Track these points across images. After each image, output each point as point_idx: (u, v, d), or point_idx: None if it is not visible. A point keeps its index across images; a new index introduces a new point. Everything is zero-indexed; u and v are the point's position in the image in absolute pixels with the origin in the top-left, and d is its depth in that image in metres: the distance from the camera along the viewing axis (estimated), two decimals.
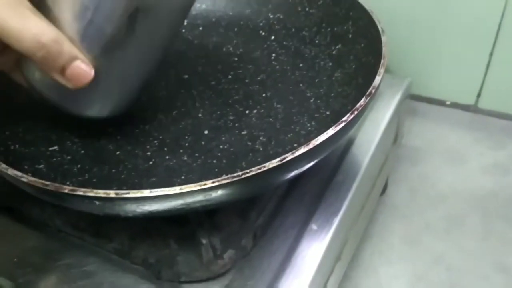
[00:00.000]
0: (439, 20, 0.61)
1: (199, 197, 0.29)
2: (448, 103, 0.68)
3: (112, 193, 0.28)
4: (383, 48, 0.37)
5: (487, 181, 0.58)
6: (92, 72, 0.31)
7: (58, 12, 0.31)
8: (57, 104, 0.36)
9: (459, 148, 0.63)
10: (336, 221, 0.37)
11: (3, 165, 0.31)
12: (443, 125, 0.66)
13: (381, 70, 0.35)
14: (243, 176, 0.28)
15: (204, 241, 0.34)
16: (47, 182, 0.29)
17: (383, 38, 0.38)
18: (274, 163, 0.29)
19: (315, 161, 0.32)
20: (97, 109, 0.37)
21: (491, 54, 0.61)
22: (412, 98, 0.64)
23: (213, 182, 0.28)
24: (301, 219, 0.38)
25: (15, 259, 0.37)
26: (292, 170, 0.31)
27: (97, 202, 0.28)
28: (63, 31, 0.30)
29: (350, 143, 0.44)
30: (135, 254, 0.35)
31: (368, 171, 0.43)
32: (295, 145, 0.37)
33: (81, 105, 0.36)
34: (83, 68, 0.31)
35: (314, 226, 0.37)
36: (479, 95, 0.66)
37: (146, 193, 0.28)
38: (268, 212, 0.38)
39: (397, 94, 0.49)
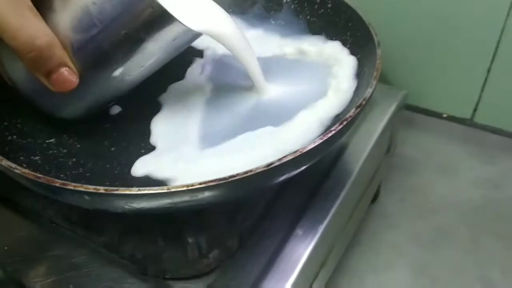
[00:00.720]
0: (439, 33, 0.61)
1: (186, 198, 0.29)
2: (444, 115, 0.68)
3: (101, 189, 0.29)
4: (377, 61, 0.38)
5: (477, 195, 0.59)
6: (76, 81, 0.32)
7: (63, 17, 0.32)
8: (29, 99, 0.37)
9: (452, 161, 0.63)
10: (321, 228, 0.38)
11: None
12: (439, 137, 0.66)
13: (374, 82, 0.36)
14: (230, 180, 0.29)
15: (190, 240, 0.34)
16: (39, 175, 0.30)
17: (378, 51, 0.39)
18: (260, 168, 0.29)
19: (302, 168, 0.33)
20: (67, 112, 0.39)
21: (489, 70, 0.62)
22: (409, 109, 0.65)
23: (200, 184, 0.29)
24: (287, 224, 0.38)
25: (5, 247, 0.38)
26: (279, 176, 0.32)
27: (86, 197, 0.29)
28: (60, 35, 0.31)
29: (342, 150, 0.45)
30: (123, 248, 0.36)
31: (358, 179, 0.44)
32: None
33: (54, 106, 0.38)
34: (68, 76, 0.31)
35: (299, 232, 0.38)
36: (475, 109, 0.66)
37: (134, 190, 0.29)
38: (256, 215, 0.39)
39: (392, 105, 0.50)
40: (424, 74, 0.65)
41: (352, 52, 0.44)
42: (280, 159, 0.30)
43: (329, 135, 0.32)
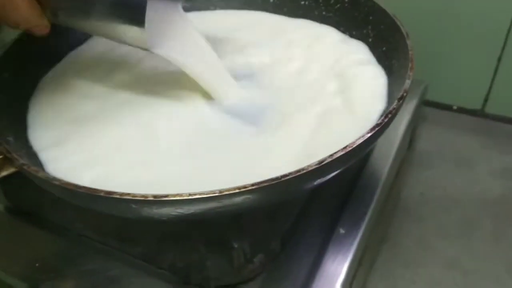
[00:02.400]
0: (447, 25, 0.61)
1: (238, 200, 0.28)
2: (455, 107, 0.68)
3: (150, 196, 0.27)
4: (410, 52, 0.37)
5: (496, 185, 0.59)
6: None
7: None
8: None
9: (467, 153, 0.63)
10: (363, 225, 0.37)
11: (33, 168, 0.30)
12: (451, 130, 0.66)
13: (410, 73, 0.35)
14: (283, 179, 0.28)
15: (236, 245, 0.33)
16: (81, 185, 0.28)
17: (409, 42, 0.38)
18: (313, 166, 0.28)
19: (350, 163, 0.32)
20: None
21: (499, 59, 0.62)
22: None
23: (252, 185, 0.28)
24: (327, 223, 0.38)
25: (37, 264, 0.36)
26: (330, 173, 0.31)
27: (133, 206, 0.28)
28: None
29: (372, 147, 0.44)
30: (162, 258, 0.35)
31: (389, 174, 0.43)
32: None
33: None
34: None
35: (341, 230, 0.37)
36: (486, 99, 0.66)
37: (185, 196, 0.27)
38: (294, 216, 0.38)
39: (414, 99, 0.49)
40: (433, 67, 0.65)
41: (377, 45, 0.43)
42: (331, 155, 0.29)
43: (376, 129, 0.31)
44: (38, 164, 0.36)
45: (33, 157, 0.36)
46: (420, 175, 0.60)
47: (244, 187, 0.28)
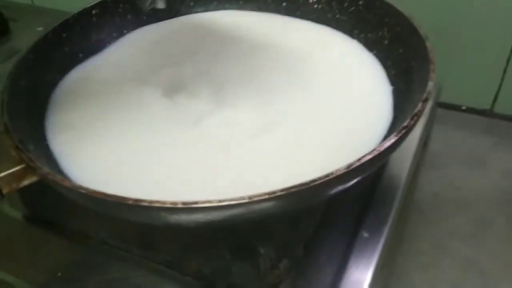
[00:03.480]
0: (456, 27, 0.61)
1: (267, 205, 0.28)
2: (463, 108, 0.68)
3: (179, 204, 0.27)
4: (430, 54, 0.37)
5: (509, 184, 0.59)
6: None
7: None
8: None
9: (478, 153, 0.63)
10: (387, 227, 0.37)
11: (58, 177, 0.30)
12: (460, 130, 0.66)
13: (432, 75, 0.35)
14: (311, 184, 0.28)
15: (262, 251, 0.33)
16: (109, 194, 0.28)
17: (428, 44, 0.38)
18: (341, 170, 0.28)
19: (376, 167, 0.32)
20: None
21: (508, 60, 0.62)
22: None
23: (281, 191, 0.27)
24: (349, 228, 0.37)
25: (59, 273, 0.36)
26: (357, 176, 0.31)
27: (162, 213, 0.28)
28: None
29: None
30: (187, 265, 0.34)
31: (408, 177, 0.43)
32: None
33: None
34: None
35: (365, 234, 0.37)
36: (495, 100, 0.66)
37: (214, 202, 0.27)
38: (316, 221, 0.37)
39: (429, 100, 0.49)
40: (441, 67, 0.65)
41: (393, 47, 0.43)
42: (359, 159, 0.29)
43: (403, 131, 0.31)
44: (59, 171, 0.35)
45: (54, 164, 0.36)
46: (433, 176, 0.60)
47: (273, 192, 0.27)
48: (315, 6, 0.50)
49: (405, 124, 0.31)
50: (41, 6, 0.84)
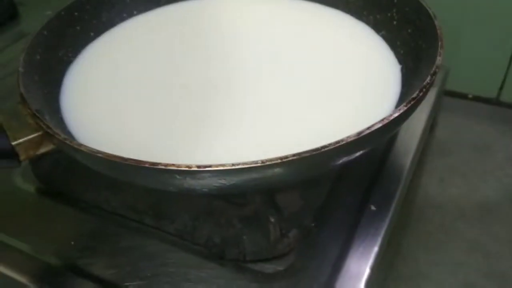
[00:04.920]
0: (462, 14, 0.62)
1: (279, 171, 0.29)
2: (470, 96, 0.69)
3: (193, 166, 0.28)
4: (438, 31, 0.38)
5: None
6: None
7: None
8: None
9: (485, 140, 0.63)
10: (394, 202, 0.38)
11: (75, 142, 0.31)
12: (466, 118, 0.67)
13: (441, 51, 0.36)
14: (323, 150, 0.28)
15: (272, 219, 0.34)
16: (127, 157, 0.29)
17: (437, 22, 0.39)
18: (352, 137, 0.29)
19: (386, 137, 0.32)
20: None
21: None
22: None
23: (293, 156, 0.28)
24: (357, 200, 0.38)
25: (72, 242, 0.37)
26: (367, 145, 0.31)
27: (177, 176, 0.28)
28: None
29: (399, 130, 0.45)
30: (198, 234, 0.35)
31: (415, 156, 0.43)
32: None
33: None
34: None
35: (373, 207, 0.37)
36: (501, 88, 0.67)
37: (227, 166, 0.28)
38: (325, 193, 0.38)
39: (436, 84, 0.50)
40: (447, 56, 0.65)
41: (402, 27, 0.44)
42: (369, 127, 0.29)
43: (412, 102, 0.31)
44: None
45: (68, 134, 0.37)
46: (439, 162, 0.61)
47: (286, 157, 0.28)
48: None
49: (414, 95, 0.32)
50: None
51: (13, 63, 0.58)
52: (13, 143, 0.32)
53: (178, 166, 0.28)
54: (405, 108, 0.31)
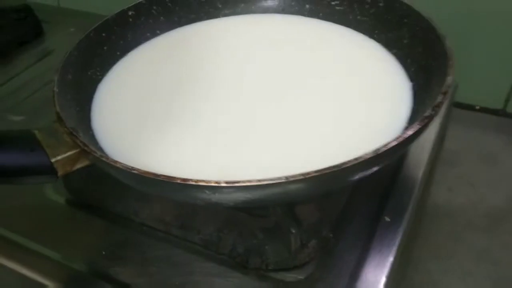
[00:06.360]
0: (469, 27, 0.63)
1: (302, 186, 0.31)
2: (477, 107, 0.70)
3: (222, 182, 0.30)
4: (448, 51, 0.40)
5: None
6: None
7: None
8: None
9: (492, 151, 0.65)
10: (407, 213, 0.40)
11: (111, 159, 0.33)
12: (474, 129, 0.68)
13: (451, 70, 0.38)
14: (343, 167, 0.30)
15: (293, 231, 0.36)
16: (159, 173, 0.31)
17: (447, 42, 0.41)
18: (369, 154, 0.31)
19: (400, 154, 0.34)
20: None
21: None
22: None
23: (316, 172, 0.30)
24: (372, 212, 0.40)
25: (103, 252, 0.39)
26: (383, 161, 0.33)
27: (207, 191, 0.30)
28: None
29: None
30: (223, 244, 0.37)
31: (427, 168, 0.45)
32: None
33: None
34: None
35: (387, 218, 0.39)
36: (507, 99, 0.68)
37: (254, 182, 0.30)
38: (341, 205, 0.40)
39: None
40: (455, 69, 0.67)
41: (412, 46, 0.46)
42: (385, 145, 0.31)
43: (426, 121, 0.33)
44: None
45: (100, 150, 0.39)
46: (448, 172, 0.63)
47: (308, 173, 0.30)
48: (337, 8, 0.53)
49: (426, 114, 0.34)
50: (67, 8, 0.87)
51: (37, 80, 0.61)
52: (52, 160, 0.34)
53: (208, 182, 0.30)
54: (419, 126, 0.33)
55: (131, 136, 0.41)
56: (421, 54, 0.45)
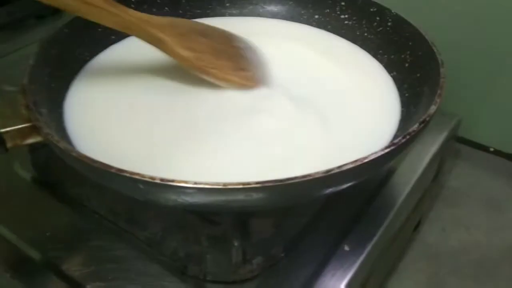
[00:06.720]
0: (494, 66, 0.60)
1: (240, 196, 0.29)
2: (491, 149, 0.66)
3: (157, 179, 0.28)
4: (441, 80, 0.37)
5: None
6: None
7: None
8: None
9: (497, 197, 0.61)
10: (369, 246, 0.37)
11: (55, 137, 0.32)
12: (484, 171, 0.64)
13: (437, 100, 0.35)
14: (287, 182, 0.28)
15: (235, 243, 0.34)
16: (96, 160, 0.29)
17: (442, 70, 0.38)
18: (320, 173, 0.29)
19: (359, 180, 0.32)
20: None
21: None
22: (456, 139, 0.63)
23: (256, 183, 0.28)
24: (333, 238, 0.37)
25: (48, 233, 0.38)
26: (336, 184, 0.31)
27: (141, 186, 0.29)
28: None
29: (391, 172, 0.44)
30: (165, 245, 0.36)
31: (406, 203, 0.42)
32: None
33: None
34: None
35: (346, 247, 0.36)
36: None
37: (190, 183, 0.28)
38: (302, 225, 0.38)
39: (443, 132, 0.49)
40: (473, 106, 0.64)
41: (412, 70, 0.43)
42: (339, 167, 0.29)
43: (391, 148, 0.31)
44: (66, 138, 0.37)
45: (63, 131, 0.38)
46: (444, 211, 0.59)
47: (248, 183, 0.28)
48: (346, 22, 0.51)
49: (395, 141, 0.31)
50: None
51: None
52: (1, 130, 0.33)
53: (142, 176, 0.28)
54: (382, 152, 0.30)
55: (99, 124, 0.39)
56: (418, 80, 0.42)
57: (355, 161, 0.30)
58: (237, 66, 0.43)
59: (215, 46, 0.43)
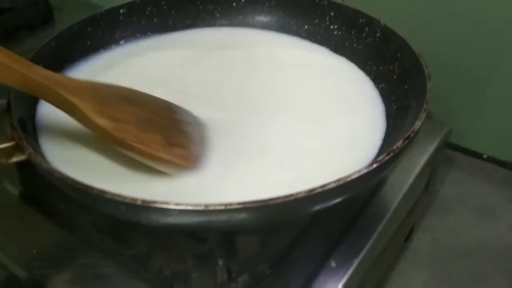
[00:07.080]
0: (486, 74, 0.60)
1: (223, 217, 0.29)
2: (485, 156, 0.66)
3: (138, 201, 0.28)
4: (427, 94, 0.37)
5: None
6: None
7: None
8: None
9: (490, 204, 0.61)
10: (356, 261, 0.37)
11: (39, 158, 0.32)
12: (477, 178, 0.64)
13: (423, 115, 0.35)
14: (269, 203, 0.28)
15: (220, 262, 0.33)
16: (78, 181, 0.29)
17: (429, 84, 0.38)
18: (302, 193, 0.28)
19: (343, 198, 0.31)
20: None
21: None
22: (449, 147, 0.63)
23: (238, 204, 0.28)
24: (320, 255, 0.37)
25: (34, 251, 0.38)
26: (319, 203, 0.31)
27: (123, 208, 0.29)
28: None
29: (381, 184, 0.43)
30: (151, 263, 0.35)
31: (396, 214, 0.42)
32: None
33: None
34: None
35: (333, 263, 0.36)
36: None
37: (171, 205, 0.28)
38: (288, 242, 0.37)
39: (434, 141, 0.48)
40: (466, 112, 0.63)
41: (400, 82, 0.43)
42: (322, 186, 0.29)
43: (374, 166, 0.31)
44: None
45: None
46: (437, 220, 0.59)
47: (230, 204, 0.28)
48: (335, 32, 0.51)
49: (379, 158, 0.31)
50: None
51: None
52: None
53: (124, 197, 0.28)
54: (366, 171, 0.30)
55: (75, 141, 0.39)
56: (406, 92, 0.42)
57: (338, 180, 0.29)
58: (169, 141, 0.36)
59: (144, 116, 0.37)
